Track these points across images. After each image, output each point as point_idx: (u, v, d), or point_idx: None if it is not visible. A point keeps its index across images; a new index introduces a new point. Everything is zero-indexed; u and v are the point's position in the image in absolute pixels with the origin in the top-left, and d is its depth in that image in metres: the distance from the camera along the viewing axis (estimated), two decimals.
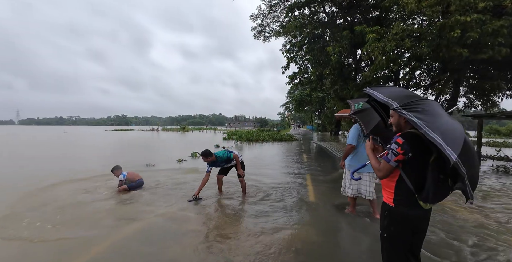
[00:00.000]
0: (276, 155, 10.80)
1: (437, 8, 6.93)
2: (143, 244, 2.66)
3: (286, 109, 57.59)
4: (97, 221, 3.27)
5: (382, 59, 8.27)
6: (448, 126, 1.29)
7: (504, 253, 2.55)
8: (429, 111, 1.36)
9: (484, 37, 7.28)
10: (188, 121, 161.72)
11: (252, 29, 20.51)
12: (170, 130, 47.17)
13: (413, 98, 1.46)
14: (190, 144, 17.19)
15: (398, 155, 1.44)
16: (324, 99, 33.70)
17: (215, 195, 4.46)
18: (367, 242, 2.75)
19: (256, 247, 2.59)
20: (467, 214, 3.72)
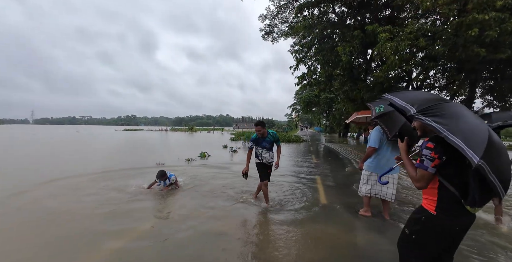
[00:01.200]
0: (285, 156, 10.73)
1: (453, 6, 6.70)
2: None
3: (294, 111, 57.22)
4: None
5: (395, 59, 8.07)
6: (471, 127, 1.25)
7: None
8: (450, 114, 1.32)
9: (503, 36, 7.00)
10: (195, 122, 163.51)
11: (260, 30, 20.54)
12: (178, 130, 47.85)
13: (433, 102, 1.39)
14: (198, 144, 17.31)
15: (434, 160, 1.36)
16: (333, 100, 33.32)
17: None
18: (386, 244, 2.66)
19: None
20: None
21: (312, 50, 13.94)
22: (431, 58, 8.29)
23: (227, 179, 5.85)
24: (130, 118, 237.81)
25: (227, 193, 4.69)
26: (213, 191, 4.82)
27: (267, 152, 3.77)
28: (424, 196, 1.53)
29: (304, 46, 13.63)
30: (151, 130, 51.24)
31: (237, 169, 7.39)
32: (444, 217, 1.42)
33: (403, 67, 8.77)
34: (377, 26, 8.64)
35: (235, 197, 4.48)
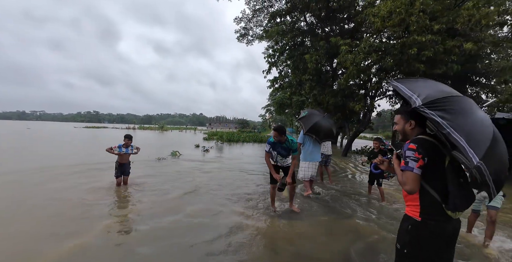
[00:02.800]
0: (254, 155, 11.27)
1: (398, 28, 7.88)
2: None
3: (267, 112, 58.46)
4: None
5: (354, 69, 9.10)
6: (477, 126, 1.20)
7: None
8: (458, 109, 1.23)
9: (439, 55, 8.37)
10: (167, 120, 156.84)
11: (235, 31, 20.85)
12: (147, 129, 45.58)
13: (443, 94, 1.27)
14: (169, 143, 16.98)
15: (418, 161, 1.33)
16: (304, 103, 34.90)
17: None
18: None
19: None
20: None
21: (284, 56, 14.71)
22: (383, 70, 9.52)
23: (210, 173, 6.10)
24: (92, 114, 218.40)
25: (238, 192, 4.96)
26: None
27: (282, 158, 3.58)
28: (407, 203, 1.49)
29: (276, 51, 14.33)
30: (116, 128, 47.87)
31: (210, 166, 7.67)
32: (430, 222, 1.37)
33: (361, 77, 9.89)
34: (339, 39, 9.62)
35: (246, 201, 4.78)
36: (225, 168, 7.67)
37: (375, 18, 7.87)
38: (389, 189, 5.74)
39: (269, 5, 19.13)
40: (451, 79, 10.70)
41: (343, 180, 6.70)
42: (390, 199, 4.83)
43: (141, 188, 4.84)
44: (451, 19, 7.91)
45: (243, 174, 6.70)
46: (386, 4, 7.48)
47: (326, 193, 5.08)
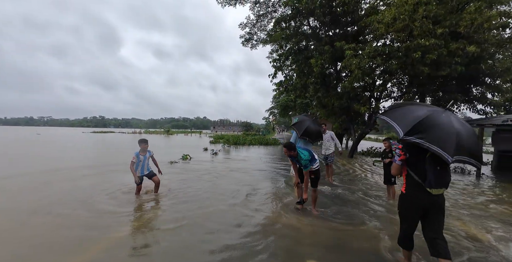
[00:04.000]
0: (265, 154, 11.52)
1: (402, 33, 8.11)
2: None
3: (271, 114, 58.75)
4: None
5: (358, 73, 9.32)
6: (443, 135, 1.82)
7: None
8: (432, 126, 1.86)
9: (443, 57, 8.55)
10: (171, 124, 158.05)
11: (240, 36, 21.32)
12: (153, 133, 46.21)
13: (416, 120, 1.90)
14: (177, 146, 17.34)
15: (400, 156, 2.12)
16: (308, 105, 35.13)
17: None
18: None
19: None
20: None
21: (289, 60, 15.02)
22: (388, 73, 9.72)
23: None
24: (97, 119, 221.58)
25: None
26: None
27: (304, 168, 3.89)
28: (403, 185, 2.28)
29: (282, 56, 14.65)
30: (123, 132, 48.71)
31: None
32: (409, 194, 2.15)
33: (365, 80, 10.10)
34: (344, 43, 9.88)
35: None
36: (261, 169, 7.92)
37: (380, 24, 8.12)
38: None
39: (272, 11, 19.56)
40: (456, 80, 10.82)
41: (354, 180, 6.91)
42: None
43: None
44: (454, 23, 8.10)
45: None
46: (391, 11, 7.73)
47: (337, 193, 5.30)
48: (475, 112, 11.86)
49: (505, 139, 9.82)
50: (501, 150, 10.58)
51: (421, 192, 2.04)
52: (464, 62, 9.07)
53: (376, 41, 10.52)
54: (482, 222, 3.90)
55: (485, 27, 7.64)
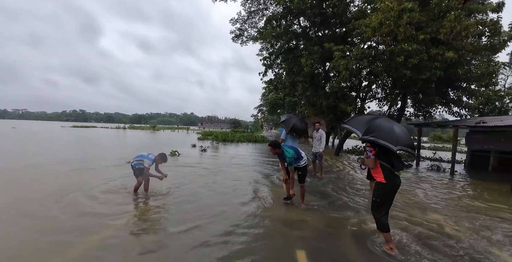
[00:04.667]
0: (253, 153, 11.66)
1: (387, 38, 8.50)
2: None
3: (260, 112, 58.97)
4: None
5: (346, 73, 9.66)
6: (387, 133, 2.56)
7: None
8: (378, 127, 2.61)
9: (424, 62, 9.06)
10: (157, 119, 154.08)
11: (231, 32, 21.16)
12: (138, 128, 44.92)
13: (368, 124, 2.68)
14: (164, 142, 17.08)
15: (372, 151, 2.66)
16: (296, 103, 35.63)
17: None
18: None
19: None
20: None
21: (279, 58, 15.17)
22: (373, 75, 10.15)
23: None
24: (78, 113, 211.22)
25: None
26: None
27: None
28: (374, 175, 2.77)
29: (272, 54, 14.77)
30: (106, 127, 46.92)
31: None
32: (389, 181, 2.63)
33: (352, 80, 10.48)
34: (333, 44, 10.16)
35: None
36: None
37: (367, 28, 8.46)
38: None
39: (264, 8, 19.55)
40: (435, 83, 11.48)
41: (340, 176, 7.23)
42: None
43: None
44: (435, 30, 8.59)
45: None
46: (377, 16, 8.07)
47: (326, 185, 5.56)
48: (451, 114, 12.68)
49: (477, 139, 10.58)
50: (474, 149, 11.41)
51: (395, 176, 2.64)
52: (442, 67, 9.64)
53: (363, 44, 10.90)
54: (451, 213, 4.29)
55: (463, 34, 8.18)
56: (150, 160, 4.34)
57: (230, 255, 2.59)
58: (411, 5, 7.88)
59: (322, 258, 2.60)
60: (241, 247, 2.77)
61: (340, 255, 2.70)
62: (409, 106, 14.00)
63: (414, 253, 2.76)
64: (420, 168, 10.35)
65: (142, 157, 4.39)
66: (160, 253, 2.57)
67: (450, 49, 9.07)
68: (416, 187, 6.50)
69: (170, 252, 2.61)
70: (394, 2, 7.81)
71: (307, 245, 2.88)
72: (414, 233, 3.34)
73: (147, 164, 4.30)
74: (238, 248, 2.74)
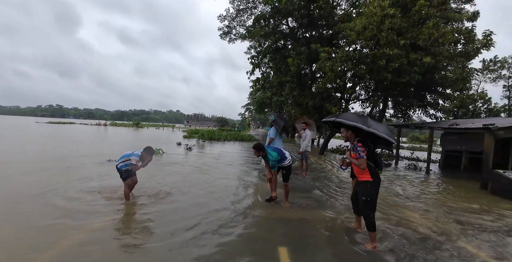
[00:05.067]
0: (242, 150, 11.66)
1: (370, 42, 8.83)
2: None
3: (247, 111, 58.94)
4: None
5: (331, 75, 9.92)
6: (356, 118, 2.81)
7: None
8: (373, 124, 2.77)
9: (403, 66, 9.50)
10: (141, 116, 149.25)
11: (219, 29, 20.91)
12: (120, 125, 43.22)
13: (362, 119, 2.81)
14: (148, 140, 16.62)
15: (364, 151, 2.71)
16: (283, 103, 36.00)
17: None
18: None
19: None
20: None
21: (267, 57, 15.25)
22: (357, 77, 10.50)
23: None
24: (54, 108, 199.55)
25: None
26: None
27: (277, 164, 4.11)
28: (359, 176, 2.85)
29: (260, 53, 14.80)
30: (85, 124, 44.67)
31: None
32: (376, 179, 2.78)
33: (337, 82, 10.79)
34: (319, 46, 10.38)
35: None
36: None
37: (351, 31, 8.73)
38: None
39: (253, 7, 19.48)
40: (414, 87, 12.08)
41: (324, 174, 7.43)
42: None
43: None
44: (414, 36, 9.03)
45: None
46: (362, 20, 8.35)
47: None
48: (428, 116, 13.41)
49: (451, 140, 11.28)
50: (448, 149, 12.14)
51: (378, 175, 2.82)
52: (421, 72, 10.16)
53: (348, 46, 11.23)
54: (425, 208, 4.56)
55: (440, 41, 8.67)
56: (137, 156, 4.00)
57: (212, 253, 2.59)
58: (393, 12, 8.24)
59: (304, 255, 2.68)
60: (224, 244, 2.78)
61: (322, 251, 2.79)
62: (390, 108, 14.65)
63: (392, 248, 2.91)
64: (399, 167, 10.87)
65: (128, 155, 4.03)
66: (142, 251, 2.53)
67: (428, 54, 9.58)
68: (395, 184, 6.83)
69: (153, 251, 2.57)
70: (377, 7, 8.13)
71: (290, 242, 2.95)
72: (391, 228, 3.52)
73: (134, 160, 3.95)
74: (221, 246, 2.75)
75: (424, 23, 9.82)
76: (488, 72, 28.15)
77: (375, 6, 8.19)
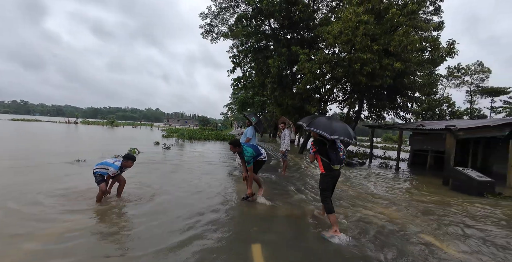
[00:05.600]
0: (217, 151, 11.56)
1: (346, 46, 9.25)
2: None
3: (230, 110, 58.58)
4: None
5: (310, 76, 10.22)
6: (325, 126, 3.14)
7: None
8: (317, 122, 3.26)
9: (377, 70, 10.06)
10: (116, 114, 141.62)
11: (200, 27, 20.54)
12: (93, 124, 40.72)
13: (311, 119, 3.38)
14: (124, 139, 15.87)
15: (313, 148, 3.29)
16: (265, 103, 36.31)
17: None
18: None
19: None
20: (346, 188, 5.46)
21: (248, 57, 15.29)
22: (335, 79, 10.93)
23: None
24: (18, 105, 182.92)
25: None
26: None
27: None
28: (320, 168, 3.36)
29: (241, 52, 14.81)
30: (53, 122, 41.41)
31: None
32: (327, 172, 3.28)
33: (316, 83, 11.15)
34: (299, 48, 10.65)
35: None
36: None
37: (329, 35, 9.07)
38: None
39: (235, 5, 19.38)
40: (386, 90, 12.86)
41: (302, 172, 7.63)
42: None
43: None
44: (386, 42, 9.60)
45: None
46: (338, 25, 8.72)
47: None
48: (399, 118, 14.33)
49: (418, 140, 12.16)
50: (415, 149, 13.07)
51: (332, 169, 3.27)
52: (392, 76, 10.84)
53: (327, 49, 11.63)
54: (393, 202, 4.89)
55: (409, 48, 9.31)
56: (115, 168, 3.84)
57: (183, 252, 2.56)
58: (367, 18, 8.71)
59: (276, 251, 2.74)
60: (195, 244, 2.76)
61: (294, 246, 2.88)
62: (365, 110, 15.42)
63: (358, 236, 3.08)
64: (372, 165, 11.48)
65: (107, 164, 3.87)
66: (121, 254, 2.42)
67: (399, 60, 10.25)
68: (367, 181, 7.24)
69: (130, 251, 2.48)
70: (352, 14, 8.54)
71: (263, 239, 3.00)
72: (360, 221, 3.72)
73: (111, 172, 3.83)
74: (192, 246, 2.73)
75: (396, 31, 10.49)
76: (453, 78, 30.82)
77: (350, 12, 8.60)
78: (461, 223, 4.05)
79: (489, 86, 28.74)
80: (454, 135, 7.69)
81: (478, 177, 6.56)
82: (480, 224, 4.03)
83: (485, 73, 29.75)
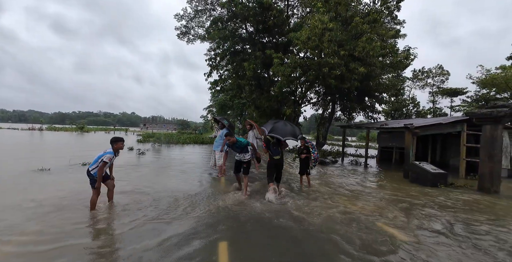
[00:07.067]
0: (195, 155, 11.50)
1: (314, 51, 9.83)
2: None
3: (209, 113, 57.88)
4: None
5: (284, 80, 10.65)
6: (279, 128, 5.09)
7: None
8: (273, 127, 5.13)
9: (345, 74, 10.75)
10: (87, 119, 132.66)
11: (176, 28, 20.21)
12: (61, 130, 37.86)
13: (272, 125, 5.22)
14: (94, 146, 15.10)
15: (264, 145, 5.16)
16: (244, 105, 36.51)
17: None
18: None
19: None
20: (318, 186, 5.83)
21: (225, 60, 15.40)
22: (307, 82, 11.47)
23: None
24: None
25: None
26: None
27: (239, 153, 5.11)
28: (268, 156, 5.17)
29: (218, 55, 14.89)
30: (15, 129, 37.91)
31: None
32: (271, 160, 5.16)
33: (290, 86, 11.61)
34: (273, 52, 11.04)
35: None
36: None
37: (298, 41, 9.56)
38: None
39: (211, 8, 19.40)
40: (356, 92, 13.73)
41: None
42: (313, 187, 6.19)
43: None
44: (352, 48, 10.32)
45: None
46: (306, 31, 9.25)
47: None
48: (368, 118, 15.34)
49: (384, 138, 13.12)
50: (382, 146, 14.07)
51: (273, 159, 5.05)
52: (359, 79, 11.62)
53: (299, 54, 12.16)
54: (358, 193, 5.32)
55: (371, 54, 10.10)
56: (111, 153, 3.81)
57: (149, 250, 2.64)
58: (332, 25, 9.34)
59: (242, 247, 2.91)
60: (161, 242, 2.84)
61: (259, 243, 3.08)
62: (338, 110, 16.28)
63: (327, 225, 3.36)
64: (344, 163, 12.18)
65: (99, 157, 3.78)
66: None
67: (364, 64, 11.04)
68: (338, 177, 7.73)
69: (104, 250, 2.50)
70: (318, 21, 9.11)
71: (231, 236, 3.16)
72: (331, 210, 4.04)
73: (107, 158, 3.73)
74: (158, 244, 2.81)
75: (361, 37, 11.31)
76: (417, 81, 33.62)
77: (316, 20, 9.17)
78: (412, 207, 4.60)
79: (448, 87, 31.68)
80: (412, 132, 8.49)
81: (432, 170, 7.34)
82: (427, 207, 4.64)
83: (444, 75, 32.85)
